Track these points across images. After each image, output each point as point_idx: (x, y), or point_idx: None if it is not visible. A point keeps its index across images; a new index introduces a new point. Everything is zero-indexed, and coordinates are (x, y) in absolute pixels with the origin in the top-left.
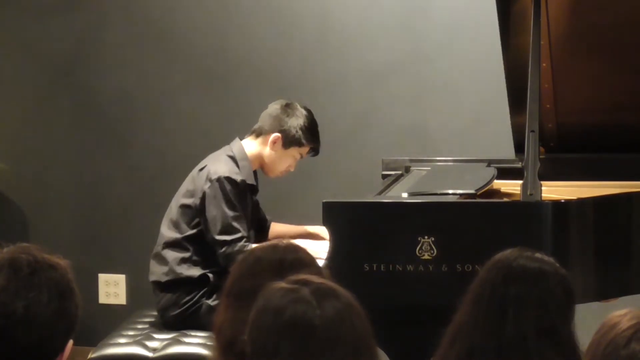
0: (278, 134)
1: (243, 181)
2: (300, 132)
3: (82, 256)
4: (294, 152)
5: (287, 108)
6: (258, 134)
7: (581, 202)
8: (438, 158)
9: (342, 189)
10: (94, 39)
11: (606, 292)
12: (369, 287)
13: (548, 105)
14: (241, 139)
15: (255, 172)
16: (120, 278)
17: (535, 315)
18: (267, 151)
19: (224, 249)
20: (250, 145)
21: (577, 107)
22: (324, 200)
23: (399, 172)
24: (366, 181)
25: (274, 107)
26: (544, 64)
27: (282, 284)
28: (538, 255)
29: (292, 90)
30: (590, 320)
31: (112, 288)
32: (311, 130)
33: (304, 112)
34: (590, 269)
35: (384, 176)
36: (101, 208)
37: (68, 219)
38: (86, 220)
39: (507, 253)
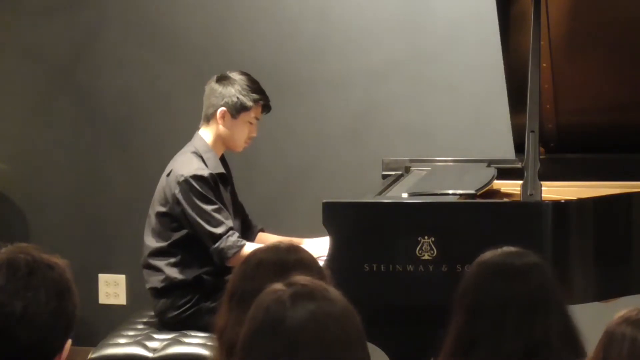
0: (222, 108)
1: (211, 174)
2: (241, 97)
3: (82, 256)
4: (246, 118)
5: (220, 81)
6: (207, 118)
7: (581, 202)
8: (438, 158)
9: (342, 189)
10: (94, 39)
11: (606, 292)
12: (369, 287)
13: (548, 105)
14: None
15: (224, 160)
16: (120, 278)
17: (555, 309)
18: (221, 129)
19: (216, 245)
20: (207, 133)
21: (577, 107)
22: (324, 200)
23: (399, 172)
24: (366, 181)
25: (209, 86)
26: (544, 64)
27: (274, 285)
28: (519, 249)
29: (292, 90)
30: (590, 320)
31: (112, 288)
32: (251, 89)
33: (239, 76)
34: (590, 269)
35: (384, 176)
36: (101, 208)
37: (68, 219)
38: (86, 220)
39: (506, 259)
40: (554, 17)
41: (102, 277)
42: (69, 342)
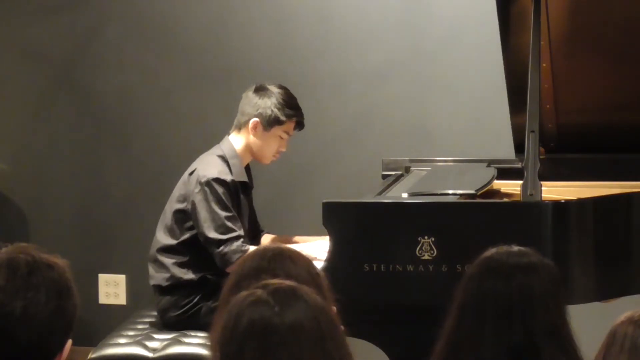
0: (256, 119)
1: (233, 181)
2: (276, 110)
3: (82, 256)
4: (278, 132)
5: (259, 91)
6: (239, 126)
7: (581, 202)
8: (438, 158)
9: (342, 189)
10: (94, 39)
11: (606, 292)
12: (369, 287)
13: (548, 105)
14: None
15: (249, 169)
16: (120, 278)
17: (541, 313)
18: (251, 139)
19: (220, 249)
20: (237, 140)
21: (577, 107)
22: (324, 201)
23: (399, 172)
24: (366, 181)
25: (246, 95)
26: (544, 64)
27: (244, 292)
28: (521, 249)
29: (292, 90)
30: (590, 320)
31: (112, 288)
32: (287, 104)
33: (277, 89)
34: (590, 269)
35: (384, 176)
36: (101, 208)
37: (68, 219)
38: (86, 220)
39: (494, 256)
40: (554, 16)
41: (102, 277)
42: (69, 342)
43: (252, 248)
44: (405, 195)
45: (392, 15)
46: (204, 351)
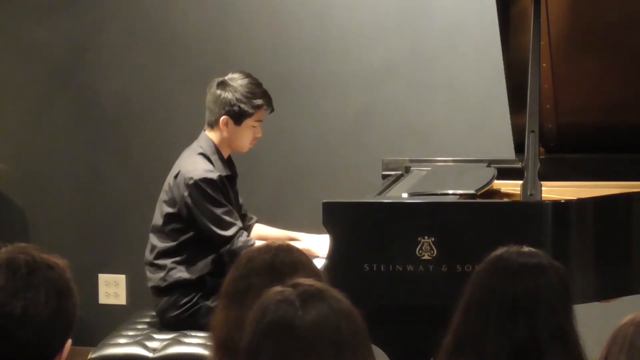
0: (225, 116)
1: (219, 176)
2: (242, 105)
3: (82, 256)
4: (250, 123)
5: (221, 86)
6: (211, 124)
7: (581, 202)
8: (438, 158)
9: (342, 189)
10: (94, 39)
11: (606, 292)
12: (369, 287)
13: (548, 106)
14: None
15: (230, 159)
16: (120, 278)
17: (546, 314)
18: (225, 135)
19: (227, 247)
20: (212, 136)
21: (577, 107)
22: (324, 201)
23: (399, 172)
24: (366, 181)
25: (211, 91)
26: (544, 64)
27: (278, 287)
28: (531, 250)
29: (292, 90)
30: (590, 320)
31: (112, 288)
32: (252, 94)
33: (240, 80)
34: (590, 269)
35: (384, 176)
36: (101, 208)
37: (68, 219)
38: (86, 220)
39: (504, 254)
40: (554, 16)
41: (102, 277)
42: (69, 342)
43: (257, 241)
44: (405, 195)
45: (392, 16)
46: (204, 351)
